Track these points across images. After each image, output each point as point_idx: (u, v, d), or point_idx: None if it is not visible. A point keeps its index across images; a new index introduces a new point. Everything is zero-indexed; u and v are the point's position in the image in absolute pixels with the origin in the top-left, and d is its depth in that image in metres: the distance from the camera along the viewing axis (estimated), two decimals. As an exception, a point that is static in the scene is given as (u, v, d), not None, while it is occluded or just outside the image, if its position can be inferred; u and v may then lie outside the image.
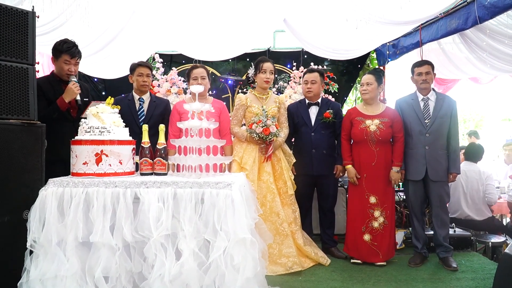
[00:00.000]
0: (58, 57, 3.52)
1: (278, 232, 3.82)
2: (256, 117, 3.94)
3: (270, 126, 3.85)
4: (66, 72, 3.51)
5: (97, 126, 2.67)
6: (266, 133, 3.85)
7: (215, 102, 4.03)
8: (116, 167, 2.66)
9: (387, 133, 3.99)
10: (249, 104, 4.06)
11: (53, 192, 2.51)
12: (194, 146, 2.75)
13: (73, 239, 2.46)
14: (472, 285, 3.52)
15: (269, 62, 4.09)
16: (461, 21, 4.32)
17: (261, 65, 4.06)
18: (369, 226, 4.00)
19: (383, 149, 4.00)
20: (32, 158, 2.85)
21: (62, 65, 3.51)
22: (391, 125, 4.00)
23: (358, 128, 4.03)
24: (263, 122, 3.86)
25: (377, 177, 4.01)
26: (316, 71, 4.39)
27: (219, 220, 2.46)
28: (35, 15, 2.98)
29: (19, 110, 2.82)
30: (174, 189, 2.52)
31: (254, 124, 3.88)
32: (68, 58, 3.50)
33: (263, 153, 3.95)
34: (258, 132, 3.85)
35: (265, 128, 3.84)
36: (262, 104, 4.06)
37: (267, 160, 3.95)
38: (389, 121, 4.00)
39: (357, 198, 4.08)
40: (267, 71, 4.04)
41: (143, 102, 3.99)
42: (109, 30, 4.74)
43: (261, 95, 4.12)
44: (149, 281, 2.46)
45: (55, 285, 2.45)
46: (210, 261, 2.44)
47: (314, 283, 3.55)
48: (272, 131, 3.86)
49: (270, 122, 3.87)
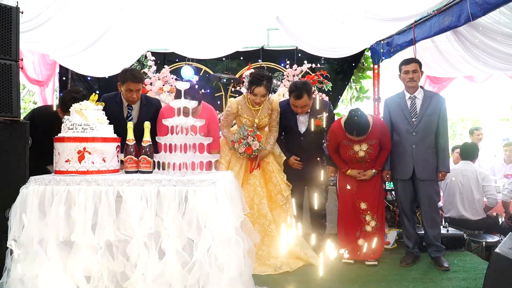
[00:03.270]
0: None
1: (267, 234, 3.80)
2: (238, 135, 3.88)
3: (251, 144, 3.82)
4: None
5: (80, 123, 2.62)
6: (249, 152, 3.85)
7: (205, 108, 3.93)
8: (99, 165, 2.62)
9: (376, 153, 3.96)
10: (240, 113, 4.01)
11: (34, 190, 2.46)
12: (179, 143, 2.71)
13: (54, 238, 2.43)
14: (463, 285, 3.48)
15: (261, 87, 3.87)
16: (454, 18, 4.29)
17: (253, 88, 3.89)
18: (363, 231, 4.01)
19: (372, 163, 4.01)
20: (15, 155, 2.82)
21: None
22: (379, 143, 3.94)
23: (346, 154, 3.98)
24: (243, 142, 3.83)
25: (366, 184, 4.01)
26: (305, 94, 3.96)
27: (203, 219, 2.42)
28: (19, 10, 2.95)
29: (1, 106, 2.78)
30: (157, 187, 2.48)
31: (236, 143, 3.86)
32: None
33: (252, 166, 3.98)
34: (241, 152, 3.85)
35: (248, 147, 3.82)
36: (254, 116, 4.00)
37: (255, 169, 3.96)
38: (376, 142, 3.92)
39: (348, 204, 4.06)
40: (257, 96, 3.91)
41: (132, 110, 3.82)
42: (96, 27, 4.67)
43: (254, 108, 4.03)
44: (132, 281, 2.43)
45: (36, 285, 2.41)
46: (193, 260, 2.41)
47: (303, 282, 3.51)
48: (254, 148, 3.83)
49: (251, 140, 3.83)
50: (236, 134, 3.90)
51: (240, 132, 3.88)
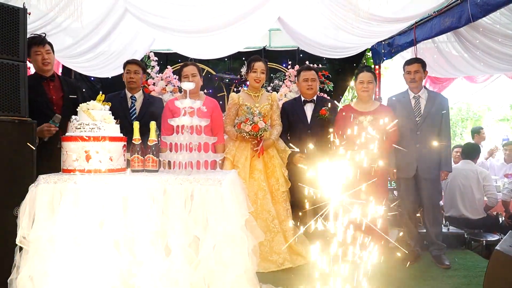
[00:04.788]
0: (29, 53, 3.48)
1: (269, 229, 3.84)
2: (243, 116, 3.96)
3: (258, 122, 3.86)
4: (42, 63, 3.54)
5: (88, 122, 2.66)
6: (256, 130, 3.86)
7: (208, 100, 4.02)
8: (106, 164, 2.65)
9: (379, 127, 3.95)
10: (241, 103, 4.08)
11: (43, 189, 2.50)
12: (185, 143, 2.75)
13: (62, 235, 2.46)
14: (464, 282, 3.53)
15: (260, 62, 4.10)
16: (455, 19, 4.33)
17: (253, 64, 4.08)
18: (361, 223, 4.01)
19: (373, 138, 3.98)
20: (23, 154, 2.86)
21: (35, 57, 3.53)
22: (383, 121, 3.94)
23: (352, 125, 3.98)
24: (250, 120, 3.87)
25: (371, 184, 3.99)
26: (313, 69, 4.43)
27: (209, 217, 2.46)
28: (26, 12, 2.99)
29: (10, 106, 2.83)
30: (163, 186, 2.52)
31: (242, 123, 3.90)
32: (37, 48, 3.52)
33: (255, 149, 3.97)
34: (248, 131, 3.87)
35: (254, 125, 3.85)
36: (255, 102, 4.08)
37: (259, 156, 3.97)
38: (381, 117, 3.96)
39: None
40: (258, 71, 4.06)
41: (135, 101, 3.98)
42: (99, 28, 4.73)
43: (253, 94, 4.13)
44: (138, 278, 2.46)
45: (45, 282, 2.45)
46: (199, 257, 2.45)
47: (306, 280, 3.54)
48: (261, 126, 3.87)
49: (257, 118, 3.89)
50: (242, 116, 3.98)
51: (246, 113, 3.96)
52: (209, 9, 4.75)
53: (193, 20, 4.90)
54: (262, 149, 4.00)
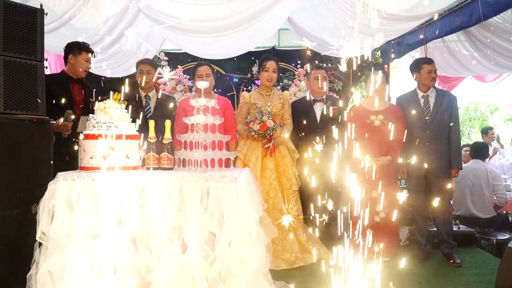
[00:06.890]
0: (77, 54, 3.72)
1: (281, 228, 3.86)
2: (252, 116, 3.99)
3: (266, 121, 3.89)
4: (85, 69, 3.77)
5: (105, 121, 2.70)
6: (264, 129, 3.89)
7: (220, 99, 4.05)
8: (123, 161, 2.70)
9: (390, 127, 3.95)
10: (253, 101, 4.10)
11: (61, 186, 2.55)
12: (199, 141, 2.79)
13: (81, 231, 2.51)
14: (475, 280, 3.53)
15: (272, 61, 4.12)
16: (465, 18, 4.32)
17: (265, 63, 4.10)
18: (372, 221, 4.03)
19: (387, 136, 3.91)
20: (40, 152, 2.91)
21: (82, 62, 3.74)
22: (394, 120, 3.96)
23: (363, 122, 4.02)
24: (258, 119, 3.90)
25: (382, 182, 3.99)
26: (323, 68, 4.46)
27: (225, 214, 2.50)
28: (43, 12, 3.04)
29: (28, 105, 2.88)
30: (180, 183, 2.56)
31: (251, 122, 3.93)
32: (88, 56, 3.73)
33: (266, 146, 4.00)
34: (256, 130, 3.90)
35: (262, 124, 3.88)
36: (267, 101, 4.10)
37: (271, 154, 3.99)
38: (392, 117, 3.99)
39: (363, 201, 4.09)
40: (269, 70, 4.08)
41: (149, 100, 4.02)
42: (114, 28, 4.79)
43: (265, 92, 4.16)
44: (155, 273, 2.51)
45: (64, 277, 2.50)
46: (215, 253, 2.49)
47: (319, 277, 3.56)
48: (270, 125, 3.89)
49: (266, 117, 3.91)
50: (251, 115, 4.01)
51: (256, 112, 3.99)
52: (220, 9, 4.79)
53: (204, 20, 4.94)
54: (274, 147, 4.02)
